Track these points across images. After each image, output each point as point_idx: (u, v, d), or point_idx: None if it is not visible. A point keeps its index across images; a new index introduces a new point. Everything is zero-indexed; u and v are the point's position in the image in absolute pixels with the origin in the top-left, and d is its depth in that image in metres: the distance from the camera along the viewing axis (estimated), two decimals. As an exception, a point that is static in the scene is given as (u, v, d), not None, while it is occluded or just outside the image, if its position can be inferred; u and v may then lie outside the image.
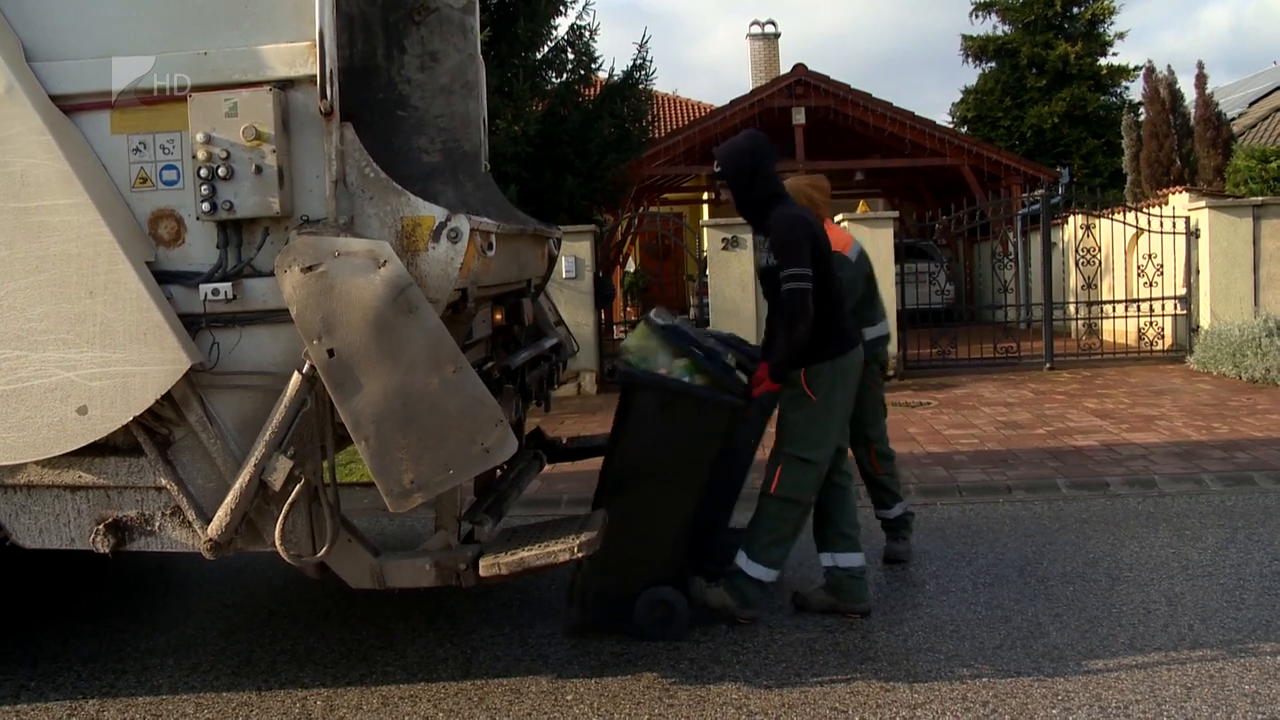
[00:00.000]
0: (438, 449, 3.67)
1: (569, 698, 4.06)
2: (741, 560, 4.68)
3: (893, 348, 12.63)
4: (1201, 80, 18.06)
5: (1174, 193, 14.22)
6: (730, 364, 4.71)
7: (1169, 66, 17.93)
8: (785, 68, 21.91)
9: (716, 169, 4.70)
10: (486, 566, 3.97)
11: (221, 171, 3.72)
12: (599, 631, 4.64)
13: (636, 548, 4.50)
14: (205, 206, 3.76)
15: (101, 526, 4.02)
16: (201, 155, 3.73)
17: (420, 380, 3.63)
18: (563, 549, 3.93)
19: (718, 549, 5.05)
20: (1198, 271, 13.16)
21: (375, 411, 3.64)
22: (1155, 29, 71.45)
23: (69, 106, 3.85)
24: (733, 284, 12.67)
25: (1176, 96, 18.08)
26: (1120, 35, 26.33)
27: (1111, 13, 25.99)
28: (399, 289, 3.61)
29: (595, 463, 4.89)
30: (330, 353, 3.63)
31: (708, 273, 13.58)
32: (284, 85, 3.78)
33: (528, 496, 4.87)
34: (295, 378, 3.74)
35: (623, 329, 15.50)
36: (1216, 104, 18.29)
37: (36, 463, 3.95)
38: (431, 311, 3.67)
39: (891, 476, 5.65)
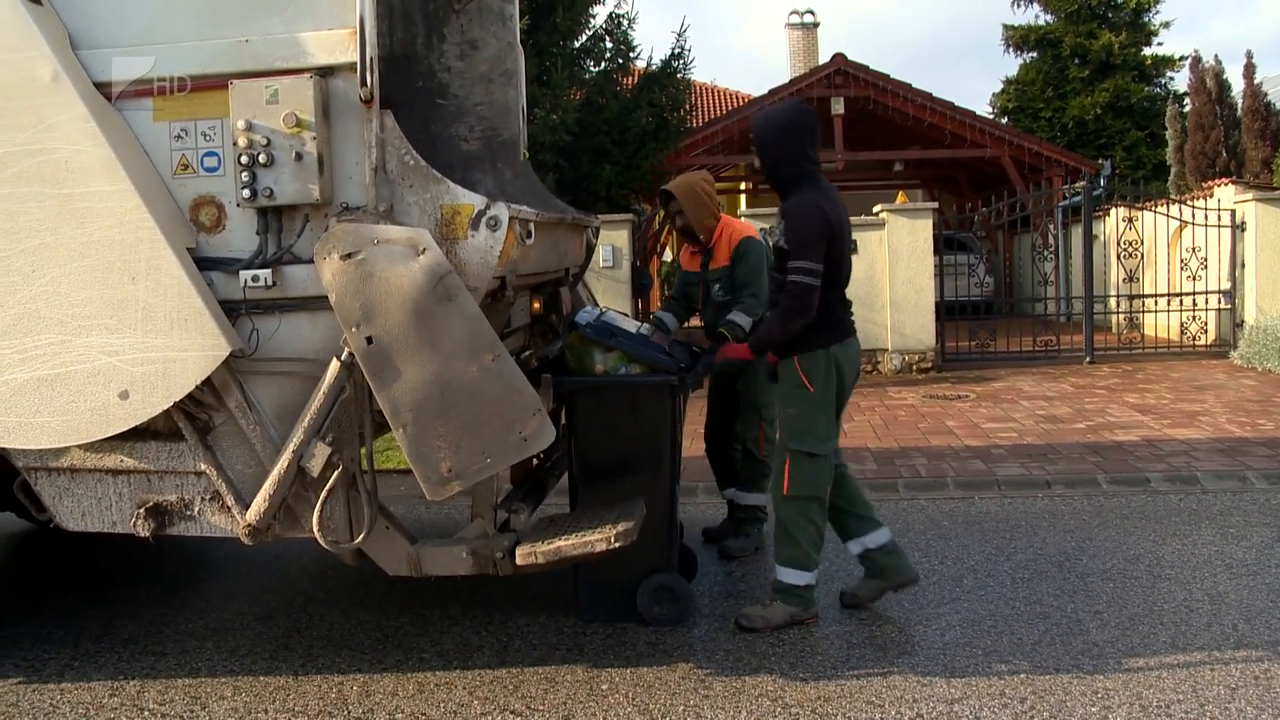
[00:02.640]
0: (475, 437, 3.67)
1: (604, 687, 4.06)
2: (782, 574, 4.57)
3: (931, 340, 12.62)
4: (1250, 70, 17.81)
5: (1220, 185, 14.01)
6: (663, 342, 4.80)
7: (1215, 56, 17.83)
8: (824, 57, 21.77)
9: (754, 135, 4.59)
10: (523, 555, 3.97)
11: (262, 158, 3.73)
12: (606, 623, 4.65)
13: None
14: (246, 193, 3.77)
15: (142, 510, 4.06)
16: (242, 142, 3.75)
17: (459, 368, 3.63)
18: (600, 539, 3.93)
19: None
20: (1243, 265, 12.97)
21: (413, 399, 3.64)
22: (1207, 15, 69.95)
23: (112, 94, 3.88)
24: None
25: (1223, 87, 17.86)
26: (1165, 25, 26.03)
27: (1156, 1, 25.67)
28: (438, 277, 3.62)
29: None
30: (369, 340, 3.64)
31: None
32: (325, 72, 3.79)
33: (565, 485, 4.86)
34: (334, 365, 3.75)
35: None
36: (1265, 94, 18.03)
37: (80, 446, 3.99)
38: (470, 299, 3.67)
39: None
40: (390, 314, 3.63)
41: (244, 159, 3.75)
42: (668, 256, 23.44)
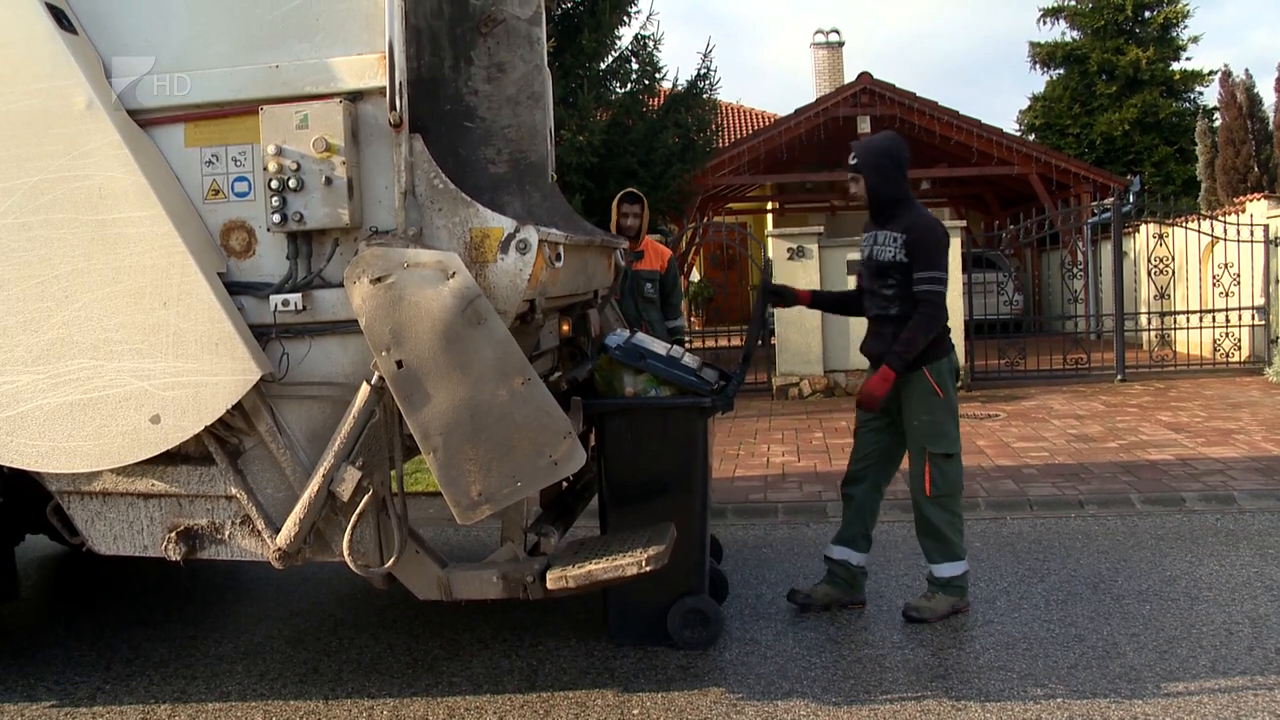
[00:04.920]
0: (505, 461, 3.66)
1: (635, 711, 4.03)
2: (939, 570, 4.86)
3: (960, 358, 12.51)
4: (1281, 84, 17.66)
5: (1252, 200, 13.89)
6: (692, 364, 4.78)
7: (1246, 70, 17.73)
8: (850, 75, 21.76)
9: (853, 161, 4.95)
10: (554, 579, 3.95)
11: (292, 183, 3.76)
12: (636, 647, 4.62)
13: None
14: (276, 218, 3.79)
15: (173, 534, 4.07)
16: (272, 167, 3.77)
17: (489, 392, 3.63)
18: (630, 563, 3.90)
19: None
20: (1277, 281, 12.84)
21: (443, 423, 3.64)
22: (1246, 26, 68.34)
23: (145, 120, 3.92)
24: (797, 294, 12.55)
25: (1254, 101, 17.75)
26: (1194, 39, 25.88)
27: (1185, 16, 25.56)
28: (467, 300, 3.62)
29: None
30: (399, 364, 3.64)
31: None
32: (354, 97, 3.81)
33: (594, 508, 4.85)
34: (364, 389, 3.76)
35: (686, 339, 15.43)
36: (1296, 109, 17.87)
37: (111, 471, 4.01)
38: (500, 323, 3.66)
39: None
40: (420, 338, 3.63)
41: (274, 184, 3.78)
42: (695, 277, 23.46)
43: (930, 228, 4.80)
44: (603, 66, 13.55)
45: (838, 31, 28.99)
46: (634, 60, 13.92)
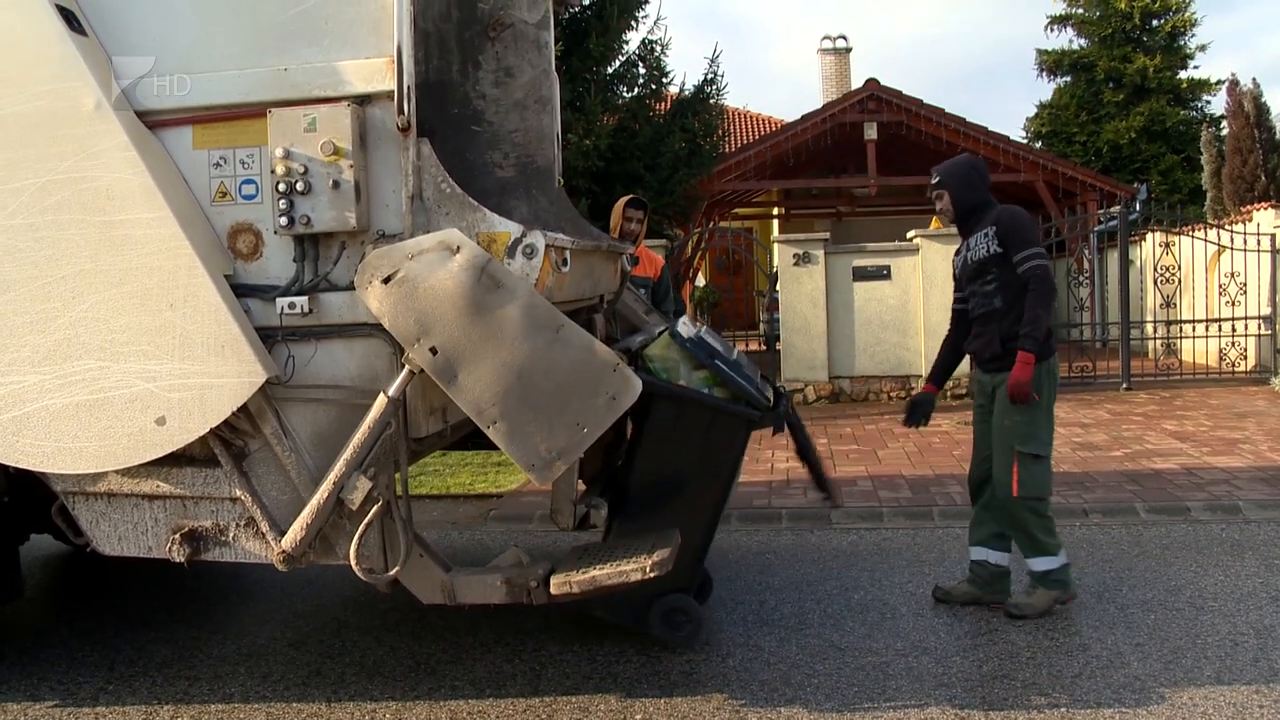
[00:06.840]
0: (565, 411, 3.67)
1: (638, 717, 4.02)
2: (1035, 564, 4.97)
3: (965, 366, 12.50)
4: (1288, 94, 17.65)
5: (1258, 209, 13.87)
6: (754, 375, 4.73)
7: (1254, 79, 17.65)
8: (857, 81, 21.77)
9: (935, 180, 5.19)
10: (558, 584, 3.95)
11: (299, 186, 3.76)
12: (634, 648, 4.62)
13: None
14: (283, 221, 3.80)
15: (178, 536, 4.07)
16: (280, 170, 3.77)
17: (528, 350, 3.63)
18: (635, 568, 3.90)
19: None
20: (1283, 290, 12.83)
21: (493, 393, 3.64)
22: (1259, 31, 67.76)
23: (153, 122, 3.92)
24: (804, 300, 12.57)
25: (1262, 110, 17.71)
26: (1202, 48, 25.89)
27: (1192, 25, 25.55)
28: (480, 269, 3.63)
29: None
30: (433, 351, 3.64)
31: (778, 288, 13.49)
32: (362, 101, 3.82)
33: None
34: (381, 400, 3.75)
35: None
36: (1304, 118, 17.85)
37: (116, 471, 4.01)
38: (519, 281, 3.67)
39: None
40: (445, 319, 3.64)
41: (282, 186, 3.78)
42: (700, 282, 23.45)
43: (1015, 213, 4.98)
44: (610, 70, 13.57)
45: (845, 37, 29.03)
46: (641, 64, 13.94)
